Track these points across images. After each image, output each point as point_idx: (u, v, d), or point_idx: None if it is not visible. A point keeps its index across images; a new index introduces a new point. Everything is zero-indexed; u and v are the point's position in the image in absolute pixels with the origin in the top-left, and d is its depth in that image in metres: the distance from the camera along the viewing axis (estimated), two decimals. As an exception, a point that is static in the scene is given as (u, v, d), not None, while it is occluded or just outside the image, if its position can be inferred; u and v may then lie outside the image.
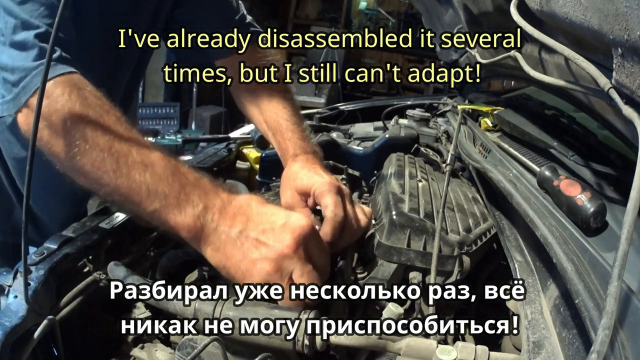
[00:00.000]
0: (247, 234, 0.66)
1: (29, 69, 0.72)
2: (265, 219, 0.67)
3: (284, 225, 0.66)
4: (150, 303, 0.68)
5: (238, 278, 0.66)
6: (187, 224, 0.66)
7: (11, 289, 0.68)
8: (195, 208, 0.67)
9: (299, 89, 4.94)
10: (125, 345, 0.78)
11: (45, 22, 0.75)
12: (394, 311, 0.62)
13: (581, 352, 0.55)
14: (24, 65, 0.73)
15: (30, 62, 0.73)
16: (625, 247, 0.46)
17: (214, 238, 0.67)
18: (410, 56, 7.08)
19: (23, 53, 0.73)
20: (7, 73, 0.74)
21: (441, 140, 1.52)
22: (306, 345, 0.60)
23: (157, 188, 0.67)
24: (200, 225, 0.67)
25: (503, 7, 0.98)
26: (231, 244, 0.66)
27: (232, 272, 0.67)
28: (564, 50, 0.67)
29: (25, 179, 0.60)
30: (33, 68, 0.72)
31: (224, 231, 0.67)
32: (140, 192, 0.67)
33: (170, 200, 0.67)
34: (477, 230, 0.91)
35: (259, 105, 1.09)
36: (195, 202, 0.67)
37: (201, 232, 0.67)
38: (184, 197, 0.67)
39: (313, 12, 6.96)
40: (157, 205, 0.67)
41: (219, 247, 0.67)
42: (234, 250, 0.66)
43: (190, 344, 0.64)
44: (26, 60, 0.73)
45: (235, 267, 0.66)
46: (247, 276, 0.65)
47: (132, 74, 1.13)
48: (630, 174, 0.49)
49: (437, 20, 1.73)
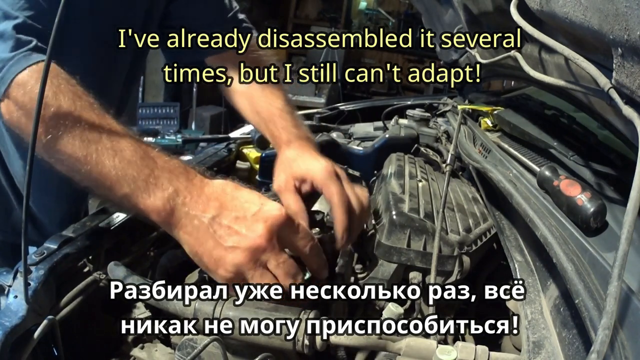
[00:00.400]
0: (220, 220, 0.65)
1: (5, 59, 0.72)
2: (239, 206, 0.66)
3: (257, 214, 0.65)
4: (150, 303, 0.68)
5: (210, 266, 0.65)
6: (156, 207, 0.66)
7: (11, 289, 0.68)
8: (164, 191, 0.66)
9: (299, 89, 4.94)
10: (125, 345, 0.78)
11: (24, 14, 0.75)
12: (394, 311, 0.62)
13: (581, 352, 0.55)
14: (1, 56, 0.72)
15: (6, 53, 0.73)
16: (625, 247, 0.46)
17: (185, 221, 0.66)
18: (410, 56, 7.08)
19: (1, 44, 0.73)
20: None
21: (441, 140, 1.52)
22: (306, 345, 0.60)
23: (126, 172, 0.66)
24: (170, 208, 0.66)
25: (503, 7, 0.98)
26: (203, 230, 0.65)
27: (204, 259, 0.65)
28: (564, 50, 0.67)
29: (26, 179, 0.59)
30: (9, 59, 0.72)
31: (196, 215, 0.65)
32: (109, 176, 0.67)
33: (139, 184, 0.66)
34: (477, 230, 0.91)
35: (251, 96, 1.10)
36: (164, 185, 0.66)
37: (171, 215, 0.66)
38: (152, 180, 0.66)
39: (313, 12, 6.96)
40: (126, 190, 0.66)
41: (191, 231, 0.66)
42: (206, 237, 0.65)
43: (190, 344, 0.64)
44: (3, 51, 0.73)
45: (207, 255, 0.65)
46: (219, 265, 0.64)
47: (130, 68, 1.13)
48: (630, 174, 0.49)
49: (437, 20, 1.73)
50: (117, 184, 0.67)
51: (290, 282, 0.65)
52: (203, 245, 0.65)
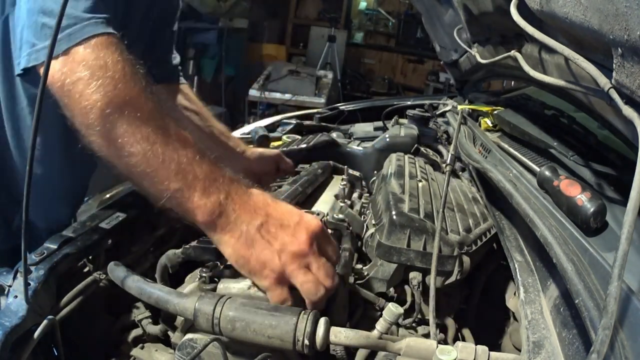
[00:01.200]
0: (268, 227, 0.69)
1: (79, 18, 0.69)
2: (283, 216, 0.71)
3: (299, 223, 0.70)
4: (150, 303, 0.68)
5: (257, 267, 0.68)
6: (207, 208, 0.68)
7: (11, 289, 0.68)
8: (219, 195, 0.69)
9: (299, 89, 4.94)
10: (125, 345, 0.78)
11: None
12: (394, 311, 0.62)
13: (581, 352, 0.55)
14: (74, 14, 0.69)
15: (80, 12, 0.70)
16: (625, 247, 0.46)
17: (233, 226, 0.69)
18: (410, 56, 7.08)
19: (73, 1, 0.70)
20: (50, 18, 0.70)
21: (441, 140, 1.52)
22: (306, 345, 0.60)
23: (187, 167, 0.68)
24: (220, 212, 0.68)
25: (503, 7, 0.98)
26: (252, 235, 0.68)
27: (251, 261, 0.68)
28: (564, 50, 0.67)
29: (26, 179, 0.59)
30: (84, 19, 0.70)
31: (245, 221, 0.69)
32: (169, 168, 0.67)
33: (197, 183, 0.68)
34: (477, 230, 0.91)
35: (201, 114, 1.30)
36: (220, 189, 0.69)
37: (220, 218, 0.68)
38: (210, 181, 0.69)
39: (313, 12, 6.96)
40: (181, 184, 0.68)
41: (239, 235, 0.68)
42: (256, 241, 0.68)
43: (190, 344, 0.64)
44: (76, 8, 0.70)
45: (255, 257, 0.68)
46: (266, 266, 0.67)
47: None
48: (630, 174, 0.49)
49: (437, 20, 1.73)
50: (174, 177, 0.67)
51: (329, 283, 0.68)
52: (251, 248, 0.68)
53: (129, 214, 0.91)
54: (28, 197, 0.60)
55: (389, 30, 7.26)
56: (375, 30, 7.33)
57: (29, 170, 0.59)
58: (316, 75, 5.27)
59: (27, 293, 0.65)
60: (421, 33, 6.68)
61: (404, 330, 0.79)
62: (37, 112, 0.59)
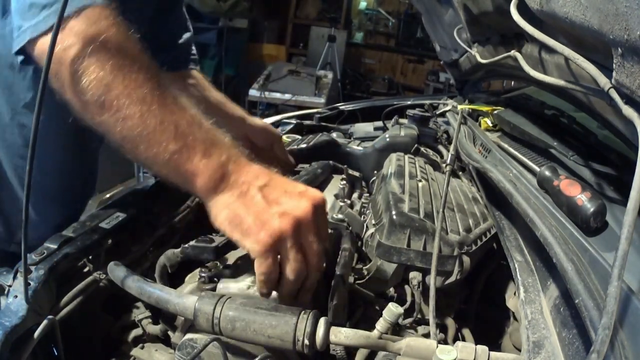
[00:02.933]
0: (270, 190, 0.67)
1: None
2: (286, 184, 0.69)
3: (304, 193, 0.68)
4: (151, 303, 0.68)
5: (251, 227, 0.64)
6: (208, 170, 0.66)
7: (11, 289, 0.68)
8: (220, 157, 0.67)
9: (299, 89, 4.94)
10: (125, 345, 0.78)
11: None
12: (394, 311, 0.62)
13: (581, 352, 0.55)
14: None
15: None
16: (625, 247, 0.46)
17: (234, 185, 0.67)
18: (410, 56, 7.09)
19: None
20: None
21: (441, 140, 1.52)
22: (306, 345, 0.60)
23: (187, 130, 0.66)
24: (222, 174, 0.67)
25: (503, 7, 0.98)
26: (252, 194, 0.66)
27: (247, 219, 0.65)
28: (564, 50, 0.67)
29: (26, 179, 0.59)
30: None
31: (247, 181, 0.67)
32: (167, 130, 0.66)
33: (198, 144, 0.66)
34: (477, 230, 0.91)
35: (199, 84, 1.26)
36: (221, 151, 0.68)
37: (222, 180, 0.67)
38: (211, 144, 0.67)
39: (313, 12, 6.96)
40: (180, 146, 0.66)
41: (240, 194, 0.66)
42: (255, 201, 0.66)
43: (190, 344, 0.64)
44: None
45: (254, 216, 0.65)
46: (264, 227, 0.64)
47: None
48: (630, 174, 0.49)
49: (437, 20, 1.73)
50: (173, 139, 0.66)
51: (317, 260, 0.67)
52: (251, 207, 0.65)
53: (129, 214, 0.91)
54: (28, 197, 0.60)
55: (389, 30, 7.27)
56: (375, 30, 7.33)
57: (29, 170, 0.59)
58: (316, 75, 5.27)
59: (27, 293, 0.65)
60: (421, 33, 6.69)
61: (404, 330, 0.79)
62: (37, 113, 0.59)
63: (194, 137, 0.67)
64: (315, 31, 6.78)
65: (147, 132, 0.66)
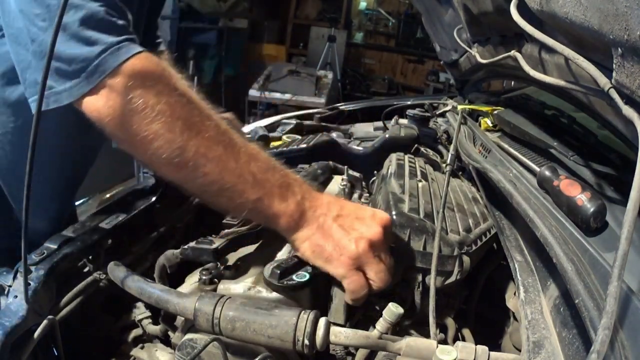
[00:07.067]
0: (344, 219, 0.73)
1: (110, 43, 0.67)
2: (355, 210, 0.76)
3: (373, 216, 0.74)
4: (151, 303, 0.68)
5: (332, 255, 0.71)
6: (289, 211, 0.72)
7: (11, 289, 0.68)
8: (295, 197, 0.73)
9: (299, 89, 4.95)
10: (125, 345, 0.78)
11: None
12: (394, 311, 0.62)
13: (581, 352, 0.55)
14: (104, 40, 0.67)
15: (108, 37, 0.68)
16: (625, 247, 0.46)
17: (313, 220, 0.73)
18: (410, 56, 7.09)
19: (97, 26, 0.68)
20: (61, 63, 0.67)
21: (441, 140, 1.52)
22: (306, 345, 0.60)
23: (263, 177, 0.71)
24: (300, 212, 0.73)
25: (503, 7, 0.98)
26: (329, 224, 0.72)
27: (327, 248, 0.71)
28: (564, 50, 0.67)
29: (26, 179, 0.59)
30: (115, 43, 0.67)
31: (323, 213, 0.73)
32: (247, 180, 0.70)
33: (275, 190, 0.72)
34: (477, 230, 0.91)
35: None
36: (295, 191, 0.73)
37: (301, 217, 0.72)
38: (285, 187, 0.73)
39: (313, 12, 6.96)
40: (261, 194, 0.71)
41: (318, 227, 0.72)
42: (333, 230, 0.72)
43: (190, 344, 0.64)
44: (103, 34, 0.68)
45: (334, 243, 0.71)
46: (343, 252, 0.70)
47: None
48: (630, 174, 0.49)
49: (437, 20, 1.73)
50: (252, 188, 0.70)
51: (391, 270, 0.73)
52: (330, 237, 0.72)
53: (129, 214, 0.91)
54: (28, 197, 0.60)
55: (389, 30, 7.27)
56: (375, 30, 7.34)
57: (29, 170, 0.59)
58: (316, 75, 5.28)
59: (27, 293, 0.65)
60: (421, 33, 6.69)
61: (404, 330, 0.79)
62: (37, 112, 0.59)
63: (270, 183, 0.72)
64: (315, 31, 6.78)
65: (227, 187, 0.70)
